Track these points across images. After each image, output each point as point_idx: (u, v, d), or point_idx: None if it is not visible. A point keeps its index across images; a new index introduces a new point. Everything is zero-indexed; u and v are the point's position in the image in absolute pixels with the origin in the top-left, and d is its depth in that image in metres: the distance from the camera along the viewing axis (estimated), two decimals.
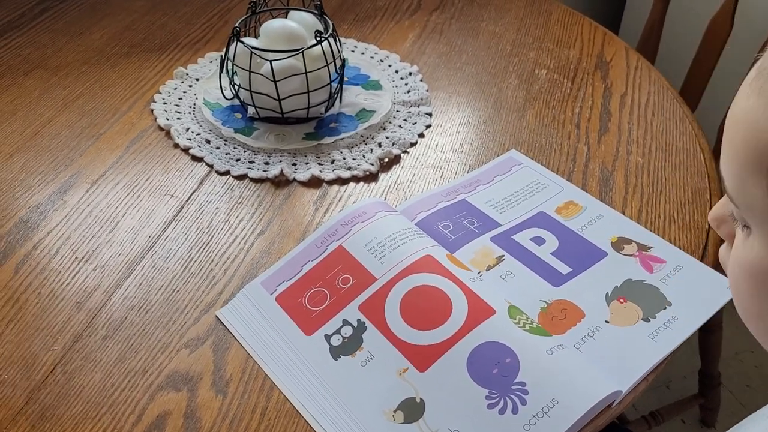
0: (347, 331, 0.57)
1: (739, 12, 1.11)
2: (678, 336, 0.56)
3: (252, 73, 0.74)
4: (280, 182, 0.73)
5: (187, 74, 0.87)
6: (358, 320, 0.57)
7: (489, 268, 0.62)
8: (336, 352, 0.55)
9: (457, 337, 0.54)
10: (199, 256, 0.64)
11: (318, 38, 0.74)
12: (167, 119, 0.80)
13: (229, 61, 0.77)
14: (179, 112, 0.81)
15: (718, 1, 1.05)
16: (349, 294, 0.59)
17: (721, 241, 0.41)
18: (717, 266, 0.64)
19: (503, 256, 0.63)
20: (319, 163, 0.75)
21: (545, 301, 0.59)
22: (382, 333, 0.56)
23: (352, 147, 0.77)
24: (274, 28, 0.76)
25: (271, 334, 0.57)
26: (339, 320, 0.57)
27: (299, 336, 0.57)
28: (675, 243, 0.66)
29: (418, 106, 0.84)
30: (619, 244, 0.65)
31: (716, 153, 1.07)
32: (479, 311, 0.55)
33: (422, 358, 0.53)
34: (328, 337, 0.56)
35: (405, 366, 0.53)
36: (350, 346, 0.56)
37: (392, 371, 0.53)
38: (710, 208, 0.70)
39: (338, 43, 0.77)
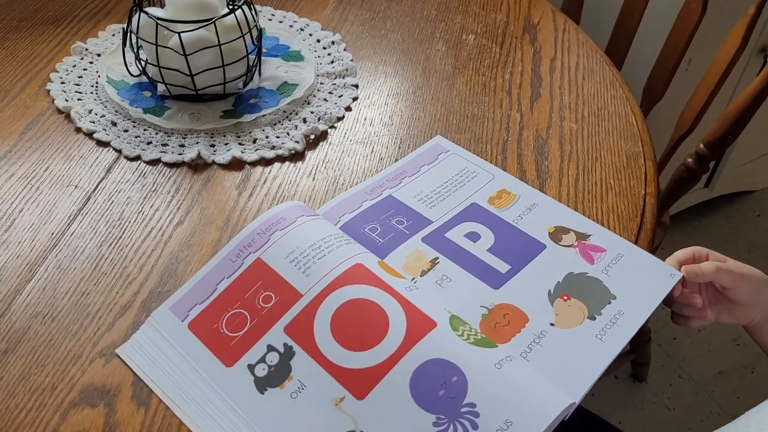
0: (273, 358, 0.50)
1: None
2: (625, 333, 0.53)
3: (159, 47, 0.68)
4: (198, 166, 0.67)
5: (86, 50, 0.79)
6: (285, 344, 0.51)
7: (423, 273, 0.57)
8: (262, 385, 0.49)
9: (396, 356, 0.48)
10: (110, 253, 0.58)
11: (231, 6, 0.68)
12: (66, 100, 0.72)
13: (132, 35, 0.70)
14: (80, 92, 0.73)
15: None
16: (273, 314, 0.52)
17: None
18: (655, 250, 0.64)
19: (437, 258, 0.59)
20: (240, 144, 0.70)
21: (486, 307, 0.55)
22: (313, 358, 0.50)
23: (274, 124, 0.72)
24: None
25: (183, 369, 0.50)
26: (263, 346, 0.51)
27: (218, 368, 0.50)
28: (613, 211, 0.64)
29: (344, 78, 0.79)
30: (557, 234, 0.61)
31: (643, 113, 1.07)
32: (419, 325, 0.50)
33: (360, 383, 0.48)
34: (251, 368, 0.50)
35: (341, 394, 0.48)
36: (278, 375, 0.50)
37: (327, 402, 0.48)
38: (645, 174, 0.69)
39: (254, 12, 0.71)
